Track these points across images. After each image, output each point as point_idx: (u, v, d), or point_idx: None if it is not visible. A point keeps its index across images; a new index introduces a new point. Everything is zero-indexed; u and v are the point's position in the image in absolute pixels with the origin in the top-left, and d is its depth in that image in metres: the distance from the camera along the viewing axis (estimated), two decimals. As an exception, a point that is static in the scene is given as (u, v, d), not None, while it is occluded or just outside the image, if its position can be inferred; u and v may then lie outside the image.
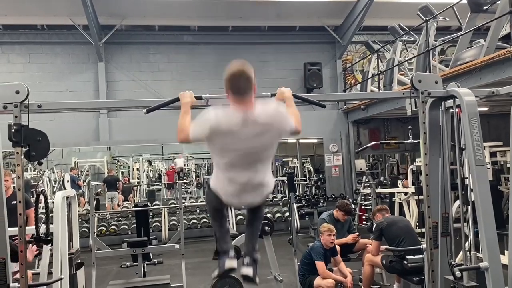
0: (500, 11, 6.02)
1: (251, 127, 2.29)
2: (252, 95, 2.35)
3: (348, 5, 10.58)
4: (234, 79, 2.31)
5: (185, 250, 5.61)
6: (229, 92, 2.34)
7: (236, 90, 2.31)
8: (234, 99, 2.32)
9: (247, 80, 2.32)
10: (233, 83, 2.31)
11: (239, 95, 2.31)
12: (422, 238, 2.98)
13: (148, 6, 10.05)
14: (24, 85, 2.53)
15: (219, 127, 2.27)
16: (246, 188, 2.40)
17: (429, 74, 4.51)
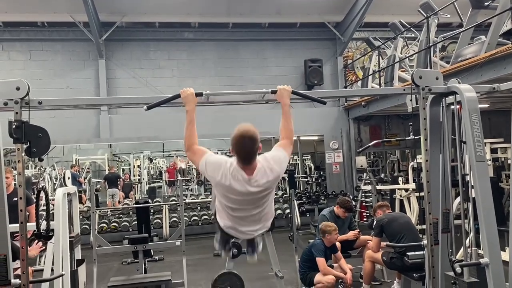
0: (501, 7, 6.00)
1: (253, 191, 2.48)
2: (256, 157, 2.50)
3: (349, 2, 10.55)
4: (242, 146, 2.44)
5: (186, 246, 5.62)
6: (235, 154, 2.49)
7: (242, 157, 2.46)
8: (239, 163, 2.47)
9: (252, 150, 2.45)
10: (239, 150, 2.45)
11: (244, 163, 2.46)
12: (423, 235, 2.98)
13: (148, 3, 10.03)
14: (25, 81, 2.53)
15: (224, 185, 2.46)
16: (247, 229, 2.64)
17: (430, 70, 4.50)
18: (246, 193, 2.46)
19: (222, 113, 9.17)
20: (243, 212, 2.56)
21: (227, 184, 2.44)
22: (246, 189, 2.45)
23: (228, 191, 2.47)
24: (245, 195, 2.47)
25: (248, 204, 2.53)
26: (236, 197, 2.48)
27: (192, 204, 10.34)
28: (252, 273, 6.16)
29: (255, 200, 2.53)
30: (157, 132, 10.38)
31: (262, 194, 2.52)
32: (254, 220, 2.60)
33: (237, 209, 2.55)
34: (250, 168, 2.47)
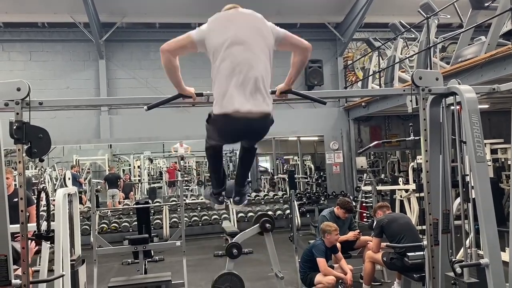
0: (501, 8, 6.01)
1: (243, 20, 2.47)
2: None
3: (349, 2, 10.56)
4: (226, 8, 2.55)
5: (186, 247, 5.63)
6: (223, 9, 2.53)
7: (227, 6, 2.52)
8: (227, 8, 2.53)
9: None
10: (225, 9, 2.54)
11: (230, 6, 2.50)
12: (423, 235, 2.98)
13: (148, 4, 10.04)
14: (25, 82, 2.54)
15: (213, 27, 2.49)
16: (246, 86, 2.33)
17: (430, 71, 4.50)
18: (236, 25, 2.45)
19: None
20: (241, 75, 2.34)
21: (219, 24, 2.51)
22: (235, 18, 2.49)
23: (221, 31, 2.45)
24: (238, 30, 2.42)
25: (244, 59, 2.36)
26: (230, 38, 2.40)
27: (192, 205, 10.34)
28: (252, 273, 6.17)
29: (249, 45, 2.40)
30: (158, 133, 10.38)
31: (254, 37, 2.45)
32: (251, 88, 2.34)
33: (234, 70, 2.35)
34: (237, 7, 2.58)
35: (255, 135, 2.54)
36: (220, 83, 2.41)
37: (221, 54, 2.43)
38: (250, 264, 6.75)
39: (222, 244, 8.14)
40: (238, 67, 2.35)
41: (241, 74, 2.34)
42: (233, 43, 2.39)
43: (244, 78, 2.33)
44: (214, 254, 7.77)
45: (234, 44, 2.39)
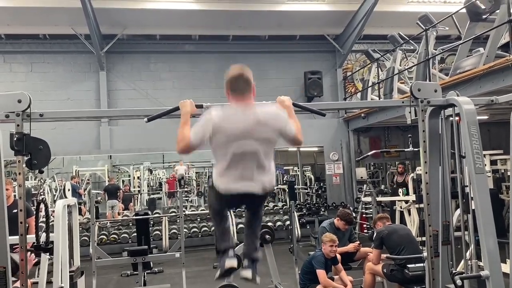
0: (499, 20, 6.06)
1: (251, 121, 2.39)
2: (251, 95, 2.49)
3: (348, 15, 10.65)
4: (233, 80, 2.47)
5: (186, 259, 5.60)
6: (229, 93, 2.48)
7: (236, 89, 2.45)
8: (234, 97, 2.46)
9: (246, 81, 2.48)
10: (232, 84, 2.47)
11: (238, 93, 2.45)
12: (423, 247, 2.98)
13: (149, 16, 10.12)
14: (26, 94, 2.55)
15: (221, 123, 2.36)
16: (246, 174, 2.41)
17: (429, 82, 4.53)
18: (242, 126, 2.36)
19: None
20: (242, 164, 2.40)
21: (224, 120, 2.35)
22: (243, 122, 2.37)
23: (225, 132, 2.35)
24: (242, 131, 2.36)
25: (246, 152, 2.39)
26: (234, 140, 2.36)
27: (192, 216, 10.30)
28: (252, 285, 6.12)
29: (252, 142, 2.39)
30: (157, 144, 10.39)
31: (259, 135, 2.40)
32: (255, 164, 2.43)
33: (236, 160, 2.39)
34: (245, 101, 2.43)
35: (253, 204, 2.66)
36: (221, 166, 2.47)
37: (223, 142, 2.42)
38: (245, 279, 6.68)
39: (221, 256, 8.08)
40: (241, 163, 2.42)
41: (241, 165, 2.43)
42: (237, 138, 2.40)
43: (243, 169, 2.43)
44: (214, 265, 7.69)
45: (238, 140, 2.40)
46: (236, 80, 2.46)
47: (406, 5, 10.56)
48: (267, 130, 2.43)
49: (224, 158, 2.42)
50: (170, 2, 9.91)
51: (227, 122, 2.37)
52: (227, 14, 10.24)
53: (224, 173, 2.44)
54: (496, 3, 6.25)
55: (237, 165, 2.41)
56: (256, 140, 2.41)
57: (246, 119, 2.39)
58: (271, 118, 2.45)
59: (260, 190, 2.46)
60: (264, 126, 2.42)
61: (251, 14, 10.31)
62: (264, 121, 2.42)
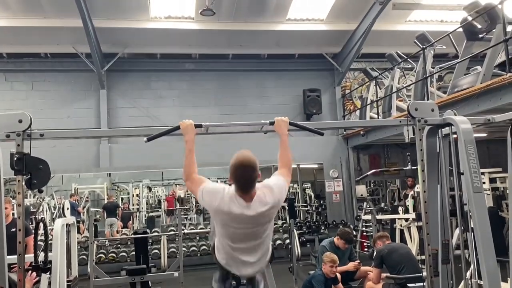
0: (495, 40, 6.15)
1: (252, 214, 2.47)
2: (254, 188, 2.51)
3: (346, 34, 10.78)
4: (240, 174, 2.47)
5: (184, 278, 5.56)
6: (233, 182, 2.50)
7: (241, 185, 2.47)
8: (238, 191, 2.49)
9: (251, 178, 2.47)
10: (238, 177, 2.47)
11: (243, 190, 2.48)
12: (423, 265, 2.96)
13: (150, 35, 10.24)
14: (27, 114, 2.58)
15: (223, 211, 2.46)
16: (246, 257, 2.56)
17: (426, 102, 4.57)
18: (245, 218, 2.44)
19: (222, 141, 9.21)
20: (242, 243, 2.53)
21: (226, 209, 2.43)
22: (244, 214, 2.43)
23: (227, 217, 2.45)
24: (244, 222, 2.45)
25: (247, 234, 2.51)
26: (235, 225, 2.46)
27: (191, 234, 10.23)
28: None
29: (254, 227, 2.50)
30: (157, 161, 10.40)
31: (261, 221, 2.50)
32: (253, 252, 2.57)
33: (236, 239, 2.52)
34: (249, 196, 2.47)
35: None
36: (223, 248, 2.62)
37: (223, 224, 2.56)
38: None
39: (221, 275, 8.01)
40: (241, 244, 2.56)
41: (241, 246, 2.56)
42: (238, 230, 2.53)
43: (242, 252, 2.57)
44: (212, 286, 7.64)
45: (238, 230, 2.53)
46: (242, 174, 2.46)
47: (403, 24, 10.69)
48: (267, 218, 2.55)
49: (223, 236, 2.56)
50: (170, 21, 10.05)
51: (227, 214, 2.45)
52: (227, 34, 10.37)
53: (225, 256, 2.59)
54: (492, 22, 6.34)
55: (237, 254, 2.55)
56: (256, 233, 2.55)
57: (245, 219, 2.46)
58: (269, 209, 2.53)
59: (259, 270, 2.66)
60: (265, 217, 2.53)
61: (251, 33, 10.44)
62: (263, 215, 2.50)
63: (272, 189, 2.54)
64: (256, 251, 2.57)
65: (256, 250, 2.58)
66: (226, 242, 2.54)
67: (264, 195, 2.49)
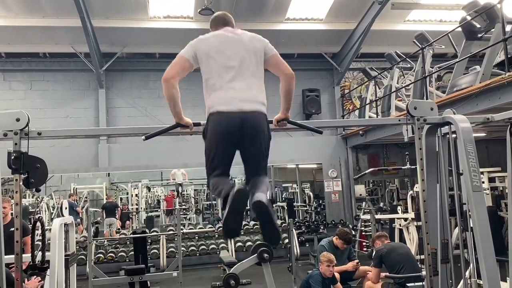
0: (494, 39, 6.14)
1: (235, 37, 2.51)
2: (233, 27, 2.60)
3: (345, 33, 10.77)
4: (216, 18, 2.67)
5: (183, 278, 5.55)
6: (213, 28, 2.65)
7: (219, 22, 2.63)
8: (217, 28, 2.62)
9: (228, 17, 2.65)
10: (216, 20, 2.66)
11: (221, 24, 2.61)
12: (423, 265, 2.95)
13: (148, 35, 10.23)
14: (25, 112, 2.56)
15: (210, 41, 2.53)
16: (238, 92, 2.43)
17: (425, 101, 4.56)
18: (231, 40, 2.50)
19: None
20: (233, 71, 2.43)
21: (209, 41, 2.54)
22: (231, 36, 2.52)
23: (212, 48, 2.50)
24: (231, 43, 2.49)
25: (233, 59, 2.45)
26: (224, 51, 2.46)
27: (190, 234, 10.22)
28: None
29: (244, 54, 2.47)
30: (156, 161, 10.38)
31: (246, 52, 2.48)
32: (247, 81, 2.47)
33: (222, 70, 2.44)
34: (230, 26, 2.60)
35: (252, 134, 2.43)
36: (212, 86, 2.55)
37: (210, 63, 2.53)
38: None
39: (220, 275, 8.01)
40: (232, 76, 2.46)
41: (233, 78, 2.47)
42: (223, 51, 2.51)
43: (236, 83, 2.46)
44: (212, 285, 7.62)
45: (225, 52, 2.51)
46: (219, 17, 2.65)
47: (402, 24, 10.69)
48: (252, 47, 2.52)
49: (212, 81, 2.48)
50: (169, 21, 10.04)
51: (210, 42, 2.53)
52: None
53: (216, 93, 2.46)
54: (491, 22, 6.34)
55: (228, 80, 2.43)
56: (245, 49, 2.49)
57: (229, 38, 2.51)
58: (254, 40, 2.57)
59: (255, 109, 2.45)
60: (250, 44, 2.52)
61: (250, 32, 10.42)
62: (247, 42, 2.52)
63: (255, 34, 2.60)
64: (250, 82, 2.48)
65: (251, 82, 2.49)
66: (214, 83, 2.46)
67: (247, 32, 2.58)
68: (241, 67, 2.44)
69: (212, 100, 2.46)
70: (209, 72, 2.49)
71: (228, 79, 2.41)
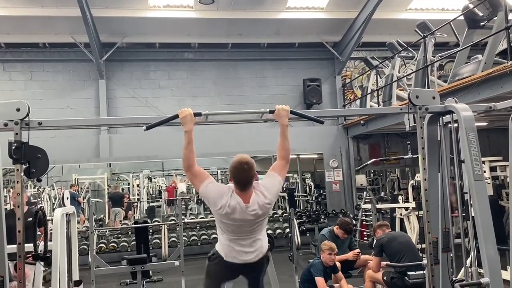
0: (496, 27, 6.09)
1: (250, 219, 2.73)
2: (251, 188, 2.76)
3: (346, 22, 10.70)
4: (239, 174, 2.73)
5: (185, 267, 5.57)
6: (233, 182, 2.76)
7: (240, 183, 2.73)
8: (236, 189, 2.74)
9: (249, 176, 2.73)
10: (237, 176, 2.73)
11: (241, 189, 2.73)
12: (423, 254, 2.96)
13: (148, 24, 10.16)
14: (25, 102, 2.55)
15: (224, 213, 2.71)
16: (245, 248, 2.80)
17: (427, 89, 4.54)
18: (243, 220, 2.72)
19: (221, 131, 9.19)
20: (240, 234, 2.78)
21: (228, 212, 2.69)
22: (243, 217, 2.71)
23: (227, 218, 2.72)
24: (243, 222, 2.73)
25: (245, 230, 2.77)
26: (234, 223, 2.73)
27: (191, 224, 10.26)
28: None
29: (250, 225, 2.76)
30: (157, 151, 10.38)
31: (257, 220, 2.78)
32: (251, 244, 2.81)
33: (234, 231, 2.77)
34: (246, 195, 2.72)
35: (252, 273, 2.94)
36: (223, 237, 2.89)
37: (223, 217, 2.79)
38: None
39: (221, 264, 8.04)
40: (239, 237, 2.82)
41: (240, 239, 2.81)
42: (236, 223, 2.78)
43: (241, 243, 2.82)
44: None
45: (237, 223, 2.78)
46: (241, 174, 2.72)
47: (404, 13, 10.61)
48: (262, 217, 2.80)
49: (224, 230, 2.81)
50: (169, 10, 9.96)
51: (227, 217, 2.71)
52: (226, 22, 10.29)
53: (225, 243, 2.82)
54: (493, 10, 6.28)
55: (235, 239, 2.79)
56: (253, 228, 2.79)
57: (243, 217, 2.71)
58: (267, 205, 2.77)
59: (257, 259, 2.82)
60: (261, 217, 2.78)
61: (250, 22, 10.36)
62: (259, 214, 2.75)
63: (267, 191, 2.78)
64: (254, 242, 2.82)
65: (255, 242, 2.82)
66: (226, 236, 2.81)
67: (259, 196, 2.75)
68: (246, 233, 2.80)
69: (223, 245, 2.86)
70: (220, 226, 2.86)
71: (235, 239, 2.80)
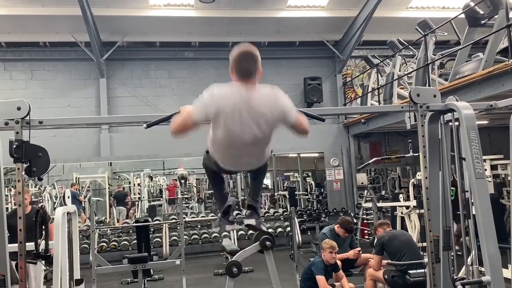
0: (497, 25, 6.08)
1: (252, 112, 2.26)
2: (256, 79, 2.31)
3: (347, 21, 10.68)
4: (241, 60, 2.28)
5: (186, 266, 5.58)
6: (234, 74, 2.32)
7: (242, 72, 2.27)
8: (239, 80, 2.29)
9: (254, 62, 2.28)
10: (239, 65, 2.29)
11: (244, 78, 2.27)
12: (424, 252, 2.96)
13: (149, 23, 10.16)
14: (26, 101, 2.55)
15: (224, 106, 2.23)
16: (242, 160, 2.54)
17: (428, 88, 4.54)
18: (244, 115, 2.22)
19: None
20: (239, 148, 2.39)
21: (227, 107, 2.22)
22: (246, 103, 2.22)
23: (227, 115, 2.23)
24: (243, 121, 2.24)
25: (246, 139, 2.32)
26: (235, 124, 2.25)
27: (192, 223, 10.28)
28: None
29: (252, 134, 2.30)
30: (158, 150, 10.39)
31: (259, 125, 2.28)
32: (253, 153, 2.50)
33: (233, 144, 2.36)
34: (250, 83, 2.26)
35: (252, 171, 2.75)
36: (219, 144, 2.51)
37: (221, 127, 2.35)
38: (250, 282, 6.68)
39: (222, 263, 8.07)
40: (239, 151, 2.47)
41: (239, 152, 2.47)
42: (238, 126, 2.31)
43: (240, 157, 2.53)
44: (214, 272, 7.70)
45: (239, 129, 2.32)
46: (244, 60, 2.27)
47: (405, 11, 10.59)
48: (266, 121, 2.30)
49: (220, 140, 2.39)
50: (170, 9, 9.96)
51: (229, 108, 2.23)
52: (227, 21, 10.28)
53: (220, 153, 2.50)
54: (494, 8, 6.26)
55: (235, 151, 2.45)
56: (254, 133, 2.30)
57: (246, 111, 2.24)
58: (272, 109, 2.30)
59: (256, 165, 2.64)
60: (264, 119, 2.29)
61: (251, 20, 10.35)
62: (264, 113, 2.28)
63: (278, 97, 2.31)
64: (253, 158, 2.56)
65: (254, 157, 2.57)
66: (223, 146, 2.43)
67: (265, 95, 2.29)
68: (249, 146, 2.38)
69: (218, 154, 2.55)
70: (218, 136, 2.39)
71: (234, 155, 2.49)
